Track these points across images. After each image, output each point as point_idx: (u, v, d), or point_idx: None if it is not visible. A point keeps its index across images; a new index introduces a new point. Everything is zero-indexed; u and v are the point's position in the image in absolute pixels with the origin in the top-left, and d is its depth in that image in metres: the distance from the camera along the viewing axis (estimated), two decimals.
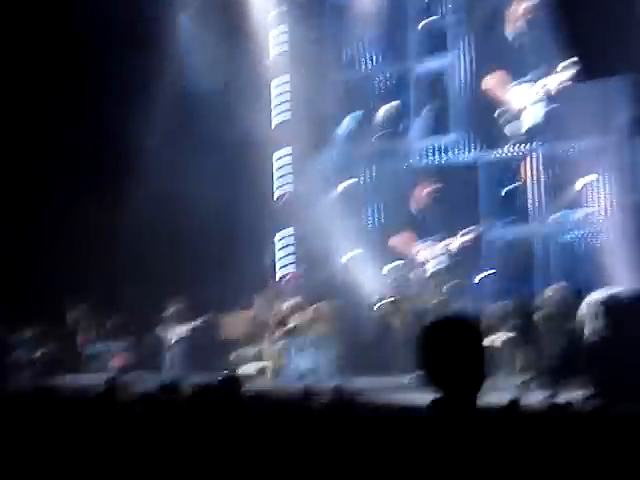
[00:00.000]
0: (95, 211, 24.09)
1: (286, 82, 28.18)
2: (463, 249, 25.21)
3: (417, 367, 3.48)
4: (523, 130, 25.11)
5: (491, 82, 25.46)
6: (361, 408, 11.18)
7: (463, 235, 25.18)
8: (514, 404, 11.74)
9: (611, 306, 16.74)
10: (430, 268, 24.66)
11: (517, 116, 25.15)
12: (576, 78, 20.04)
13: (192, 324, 23.38)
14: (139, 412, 10.12)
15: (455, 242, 25.29)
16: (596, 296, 18.18)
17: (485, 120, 25.89)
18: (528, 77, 24.92)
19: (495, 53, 25.52)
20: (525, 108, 25.04)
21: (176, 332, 23.19)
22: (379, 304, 23.98)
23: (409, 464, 3.38)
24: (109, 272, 24.45)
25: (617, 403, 12.43)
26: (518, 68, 25.17)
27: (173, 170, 24.90)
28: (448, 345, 3.36)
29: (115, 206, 24.71)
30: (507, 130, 25.26)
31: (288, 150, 28.04)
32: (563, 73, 23.30)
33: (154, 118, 25.20)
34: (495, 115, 25.32)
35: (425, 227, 26.46)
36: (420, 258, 25.77)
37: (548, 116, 24.69)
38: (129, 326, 26.89)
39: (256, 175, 26.96)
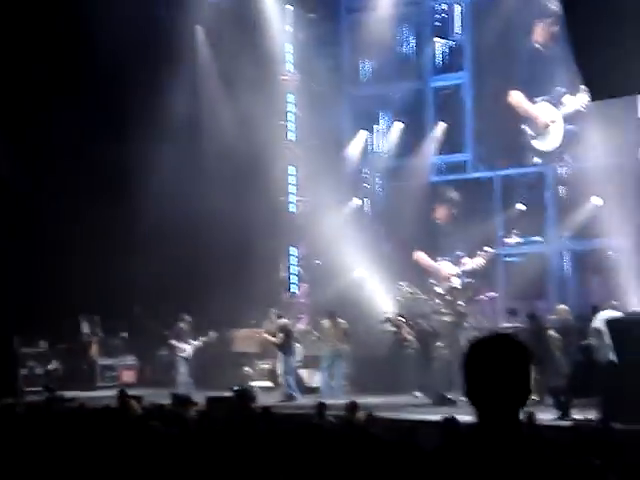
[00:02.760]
0: (108, 228, 24.09)
1: (301, 96, 28.19)
2: (479, 267, 25.19)
3: (463, 384, 3.49)
4: (547, 148, 25.17)
5: (513, 99, 25.50)
6: (376, 425, 11.13)
7: (479, 253, 25.17)
8: (530, 417, 11.69)
9: (615, 326, 16.63)
10: (446, 285, 24.62)
11: (542, 133, 25.21)
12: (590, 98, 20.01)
13: (204, 338, 23.34)
14: (152, 425, 10.09)
15: (471, 260, 25.27)
16: (605, 315, 18.09)
17: (502, 137, 25.96)
18: (549, 95, 24.98)
19: (509, 71, 25.59)
20: (549, 126, 25.11)
21: (188, 346, 23.15)
22: (389, 320, 23.91)
23: None
24: (121, 288, 24.43)
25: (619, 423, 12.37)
26: (535, 86, 25.25)
27: (186, 186, 24.94)
28: (497, 362, 3.37)
29: (128, 223, 24.70)
30: (532, 146, 25.34)
31: (302, 165, 28.02)
32: (581, 93, 23.29)
33: (169, 134, 25.24)
34: (517, 132, 25.41)
35: (440, 244, 26.48)
36: (436, 275, 25.81)
37: (567, 135, 24.74)
38: (140, 341, 26.92)
39: (270, 190, 26.98)
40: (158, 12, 24.95)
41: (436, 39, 27.30)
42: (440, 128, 26.93)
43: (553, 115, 25.10)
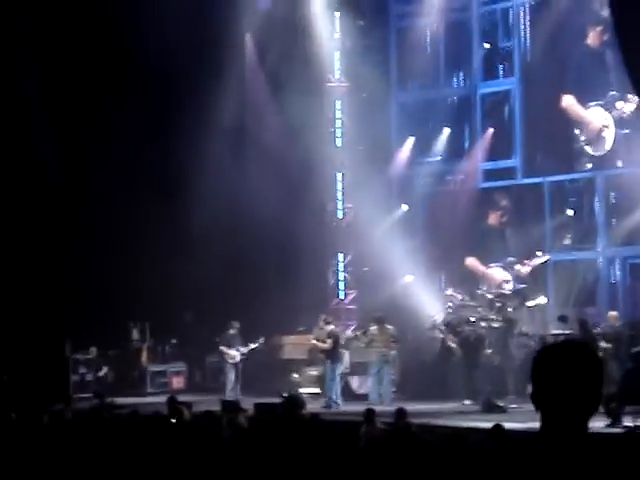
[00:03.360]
0: (158, 232, 24.20)
1: (348, 103, 28.20)
2: (530, 272, 25.02)
3: (532, 389, 3.49)
4: (600, 152, 24.99)
5: (566, 103, 25.33)
6: (426, 432, 11.10)
7: (531, 259, 24.99)
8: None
9: None
10: (495, 291, 24.53)
11: (594, 138, 25.04)
12: None
13: (253, 345, 23.42)
14: (205, 431, 10.13)
15: (523, 266, 25.11)
16: None
17: (554, 142, 25.81)
18: (602, 100, 24.80)
19: (561, 76, 25.45)
20: (602, 131, 24.92)
21: (237, 353, 23.23)
22: (435, 327, 23.87)
23: None
24: (170, 295, 24.54)
25: None
26: (588, 91, 25.07)
27: (234, 191, 25.01)
28: (566, 367, 3.36)
29: (178, 227, 24.84)
30: (585, 151, 25.18)
31: (349, 171, 28.02)
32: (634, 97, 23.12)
33: (217, 138, 25.36)
34: (569, 137, 25.27)
35: (491, 250, 26.36)
36: (488, 281, 25.73)
37: (620, 139, 24.55)
38: (189, 347, 27.04)
39: (318, 195, 27.01)
40: (209, 17, 25.01)
41: (485, 45, 27.18)
42: (489, 134, 26.83)
43: (606, 120, 24.89)
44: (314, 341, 23.39)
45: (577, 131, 25.39)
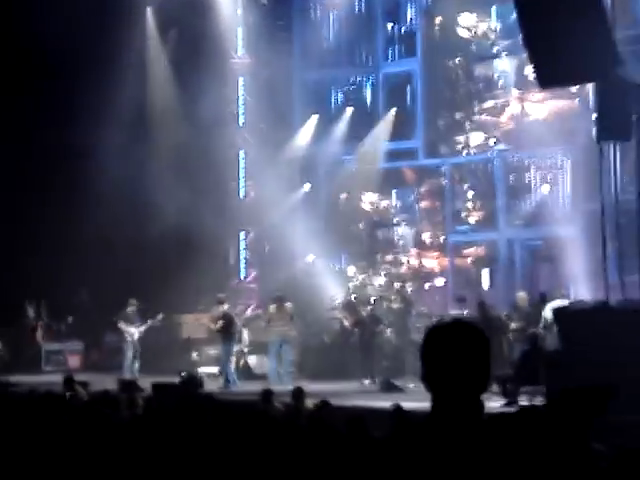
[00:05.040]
0: (54, 216, 23.85)
1: (251, 80, 28.02)
2: None
3: (421, 369, 3.47)
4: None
5: None
6: (325, 412, 11.07)
7: None
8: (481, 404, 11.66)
9: (562, 316, 16.74)
10: (397, 271, 24.75)
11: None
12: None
13: (151, 321, 23.21)
14: (102, 410, 9.96)
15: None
16: (554, 304, 18.27)
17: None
18: None
19: None
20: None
21: (135, 330, 23.00)
22: (336, 307, 23.96)
23: (409, 469, 3.33)
24: (67, 272, 24.17)
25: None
26: None
27: (135, 170, 24.58)
28: (455, 347, 3.36)
29: (76, 208, 24.45)
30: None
31: (252, 150, 27.88)
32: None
33: (117, 119, 24.87)
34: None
35: None
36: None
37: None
38: (86, 326, 26.68)
39: (220, 175, 26.82)
40: None
41: (388, 25, 27.25)
42: (391, 114, 26.93)
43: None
44: (205, 321, 23.27)
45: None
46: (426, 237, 26.26)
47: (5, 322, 25.49)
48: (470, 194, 25.74)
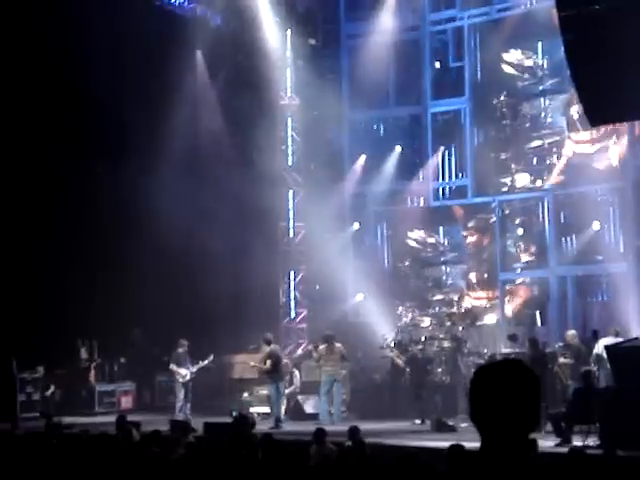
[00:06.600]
0: (109, 255, 24.04)
1: (300, 121, 28.18)
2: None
3: (470, 408, 3.47)
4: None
5: None
6: (378, 451, 11.04)
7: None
8: (533, 443, 11.58)
9: (615, 353, 16.56)
10: (448, 310, 24.68)
11: None
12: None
13: (202, 362, 23.22)
14: (155, 451, 10.00)
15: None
16: (606, 341, 18.10)
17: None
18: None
19: None
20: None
21: (186, 372, 23.02)
22: (387, 345, 23.88)
23: None
24: (120, 312, 24.29)
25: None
26: None
27: (187, 211, 24.70)
28: (502, 386, 3.36)
29: (128, 249, 24.59)
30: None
31: (301, 190, 28.01)
32: None
33: (169, 163, 24.93)
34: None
35: None
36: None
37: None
38: (138, 367, 26.76)
39: (270, 214, 26.91)
40: (161, 34, 24.70)
41: (436, 64, 27.36)
42: (440, 153, 26.98)
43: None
44: (252, 363, 23.21)
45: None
46: (476, 275, 26.16)
47: (58, 363, 25.63)
48: (520, 231, 25.65)
